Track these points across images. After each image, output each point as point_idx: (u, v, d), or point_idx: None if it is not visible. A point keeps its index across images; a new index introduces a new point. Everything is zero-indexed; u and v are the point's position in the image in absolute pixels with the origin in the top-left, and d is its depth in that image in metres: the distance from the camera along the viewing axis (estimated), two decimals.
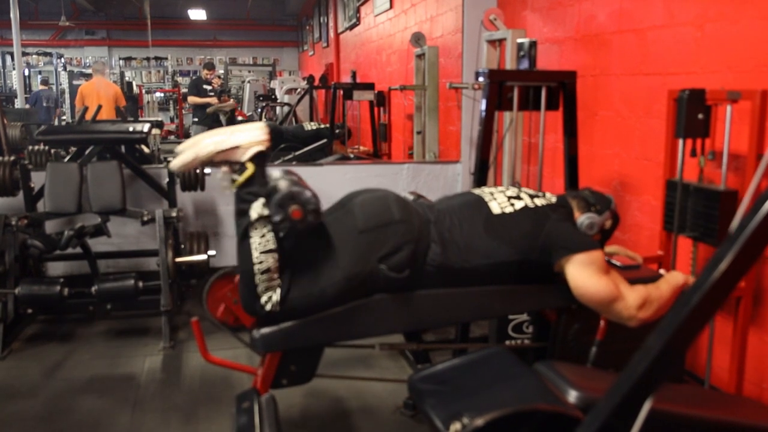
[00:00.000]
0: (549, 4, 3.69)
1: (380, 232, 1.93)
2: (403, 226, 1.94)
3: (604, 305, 1.96)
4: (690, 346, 1.16)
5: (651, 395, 1.10)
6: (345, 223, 1.97)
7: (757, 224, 1.03)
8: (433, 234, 2.00)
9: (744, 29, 2.32)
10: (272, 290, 1.87)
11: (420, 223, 1.99)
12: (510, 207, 2.08)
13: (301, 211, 1.83)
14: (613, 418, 1.12)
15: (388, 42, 7.07)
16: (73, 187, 3.55)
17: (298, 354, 2.05)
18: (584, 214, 2.12)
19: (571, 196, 2.19)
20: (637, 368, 1.11)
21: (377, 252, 1.91)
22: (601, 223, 2.12)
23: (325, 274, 1.90)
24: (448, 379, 1.64)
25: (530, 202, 2.10)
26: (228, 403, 2.65)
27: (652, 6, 2.80)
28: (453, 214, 2.06)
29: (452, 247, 1.99)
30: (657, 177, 2.70)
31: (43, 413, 2.68)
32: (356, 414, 2.67)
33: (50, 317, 3.76)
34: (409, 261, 1.93)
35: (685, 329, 1.09)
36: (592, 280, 1.95)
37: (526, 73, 2.82)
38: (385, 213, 1.97)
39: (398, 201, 2.04)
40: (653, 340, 1.12)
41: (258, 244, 1.83)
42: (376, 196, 2.06)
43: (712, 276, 1.07)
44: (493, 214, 2.06)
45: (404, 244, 1.93)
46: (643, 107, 2.90)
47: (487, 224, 2.03)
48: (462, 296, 2.06)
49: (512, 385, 1.50)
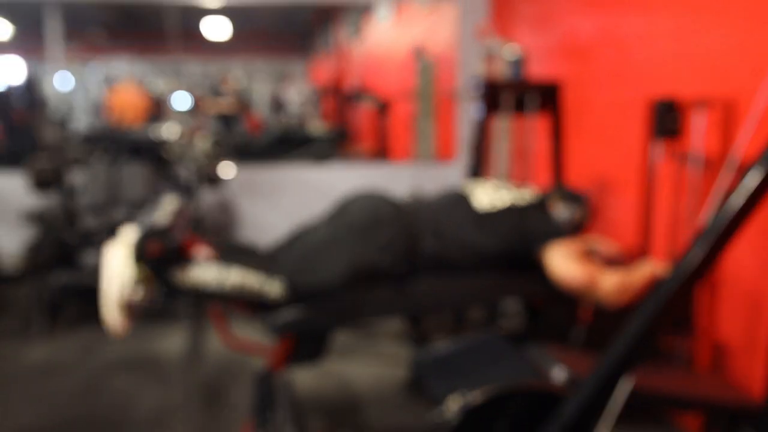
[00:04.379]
0: (538, 18, 3.68)
1: (375, 229, 1.97)
2: (396, 223, 1.99)
3: (580, 290, 1.98)
4: (663, 329, 1.18)
5: (629, 374, 1.12)
6: (342, 225, 2.01)
7: (724, 221, 1.04)
8: (424, 228, 2.04)
9: (715, 42, 2.32)
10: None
11: (410, 220, 2.04)
12: (492, 203, 2.13)
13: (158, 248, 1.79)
14: (595, 395, 1.14)
15: (390, 52, 7.06)
16: (108, 184, 3.59)
17: (309, 336, 2.07)
18: (560, 208, 2.21)
19: (551, 191, 2.29)
20: (616, 349, 1.13)
21: (377, 246, 1.95)
22: (575, 216, 2.22)
23: (328, 267, 1.93)
24: (447, 360, 1.66)
25: (510, 197, 2.16)
26: (243, 383, 2.67)
27: (633, 20, 2.79)
28: (442, 210, 2.12)
29: (443, 240, 2.03)
30: (636, 177, 2.70)
31: (80, 389, 2.71)
32: (362, 393, 2.69)
33: (86, 304, 3.78)
34: (405, 253, 1.97)
35: (661, 313, 1.11)
36: (569, 267, 1.97)
37: (516, 83, 2.82)
38: (378, 213, 2.02)
39: (388, 202, 2.09)
40: (632, 324, 1.14)
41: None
42: (367, 199, 2.10)
43: (683, 267, 1.09)
44: (478, 209, 2.11)
45: (397, 241, 1.97)
46: (623, 113, 2.90)
47: (474, 218, 2.08)
48: (460, 285, 2.08)
49: (505, 366, 1.52)
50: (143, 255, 1.77)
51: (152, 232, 1.75)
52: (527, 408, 1.24)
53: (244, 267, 1.92)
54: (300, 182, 4.28)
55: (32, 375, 2.86)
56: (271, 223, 4.20)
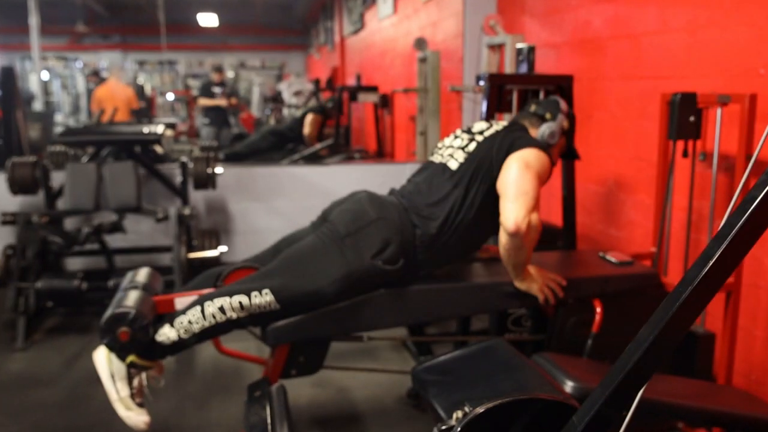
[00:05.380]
0: (547, 10, 3.69)
1: (363, 232, 1.98)
2: (383, 222, 1.99)
3: (518, 192, 1.94)
4: (681, 338, 1.17)
5: (643, 385, 1.12)
6: (329, 234, 2.01)
7: (743, 223, 1.04)
8: (413, 217, 2.04)
9: (733, 35, 2.32)
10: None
11: (398, 214, 2.04)
12: (465, 154, 2.11)
13: (128, 332, 1.88)
14: (607, 407, 1.13)
15: (392, 46, 7.07)
16: (91, 186, 3.58)
17: (307, 346, 2.07)
18: (541, 128, 2.16)
19: (521, 117, 2.22)
20: (629, 359, 1.12)
21: (369, 250, 1.95)
22: (560, 127, 2.16)
23: (321, 276, 1.94)
24: (451, 369, 1.66)
25: (482, 137, 2.13)
26: (238, 393, 2.67)
27: (646, 13, 2.80)
28: (421, 192, 2.10)
29: (433, 220, 2.03)
30: (650, 177, 2.71)
31: (62, 401, 2.71)
32: (362, 404, 2.69)
33: (69, 310, 3.78)
34: (401, 251, 1.98)
35: (676, 322, 1.11)
36: (528, 172, 1.96)
37: (524, 77, 2.83)
38: (363, 215, 2.02)
39: (372, 201, 2.08)
40: (645, 333, 1.13)
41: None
42: (350, 202, 2.10)
43: (702, 271, 1.08)
44: (453, 169, 2.10)
45: (391, 237, 1.97)
46: (637, 110, 2.91)
47: (452, 180, 2.07)
48: (464, 291, 2.08)
49: (511, 376, 1.51)
50: (117, 347, 1.89)
51: (116, 321, 1.86)
52: (535, 420, 1.23)
53: (226, 293, 1.93)
54: (298, 182, 4.28)
55: (12, 387, 2.86)
56: (266, 226, 4.21)
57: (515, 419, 1.24)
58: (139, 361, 1.94)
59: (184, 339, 1.94)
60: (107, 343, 1.91)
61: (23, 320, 3.30)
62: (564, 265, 2.45)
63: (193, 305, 1.94)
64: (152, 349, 1.96)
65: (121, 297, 2.00)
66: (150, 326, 1.91)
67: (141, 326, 1.87)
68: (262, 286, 1.92)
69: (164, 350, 1.97)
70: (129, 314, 1.87)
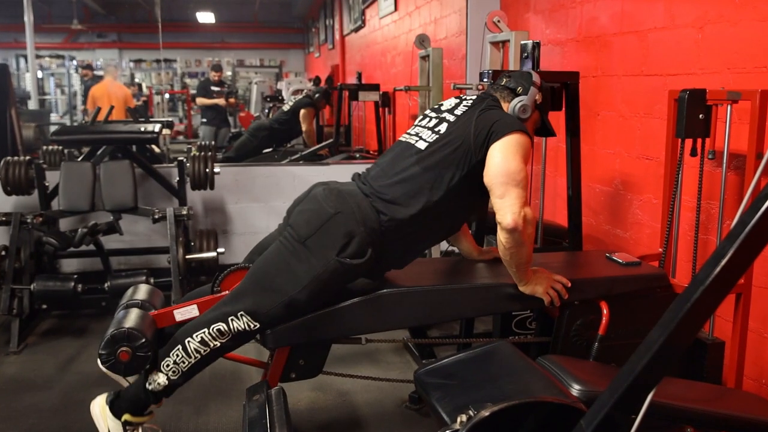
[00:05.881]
0: (551, 7, 3.68)
1: (323, 231, 1.91)
2: (341, 216, 1.91)
3: (507, 183, 1.88)
4: (691, 341, 1.16)
5: (652, 389, 1.11)
6: (290, 239, 1.96)
7: (756, 222, 1.03)
8: (377, 204, 1.96)
9: (743, 31, 2.31)
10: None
11: (357, 203, 1.95)
12: (435, 135, 2.03)
13: (129, 352, 1.89)
14: (615, 411, 1.12)
15: (393, 44, 7.07)
16: (87, 185, 3.57)
17: (306, 349, 2.07)
18: (512, 102, 2.06)
19: (493, 89, 2.13)
20: (638, 362, 1.12)
21: (332, 249, 1.89)
22: (532, 101, 2.07)
23: (289, 286, 1.91)
24: (454, 372, 1.65)
25: (452, 116, 2.05)
26: (237, 396, 2.66)
27: (653, 8, 2.79)
28: (387, 174, 2.02)
29: (399, 205, 1.95)
30: (658, 176, 2.70)
31: (57, 405, 2.70)
32: (362, 407, 2.68)
33: (64, 312, 3.78)
34: (367, 241, 1.90)
35: (686, 324, 1.10)
36: (514, 157, 1.89)
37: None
38: (320, 213, 1.94)
39: (328, 195, 1.99)
40: (654, 335, 1.13)
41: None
42: (307, 201, 2.04)
43: (713, 272, 1.08)
44: (422, 150, 2.02)
45: (353, 230, 1.90)
46: (644, 107, 2.90)
47: (420, 162, 1.99)
48: (467, 293, 2.08)
49: (517, 379, 1.51)
50: (117, 366, 1.91)
51: (116, 341, 1.90)
52: (542, 423, 1.23)
53: (203, 324, 1.94)
54: (297, 182, 4.27)
55: (6, 391, 2.85)
56: (265, 226, 4.20)
57: (521, 423, 1.23)
58: (133, 418, 2.01)
59: (175, 380, 1.96)
60: (108, 366, 1.93)
61: (17, 323, 3.29)
62: (570, 265, 2.44)
63: (175, 345, 1.96)
64: (146, 402, 2.00)
65: (120, 316, 2.01)
66: (150, 344, 1.93)
67: (141, 345, 1.89)
68: (235, 309, 1.92)
69: (158, 396, 2.00)
70: (128, 333, 1.89)
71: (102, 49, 15.07)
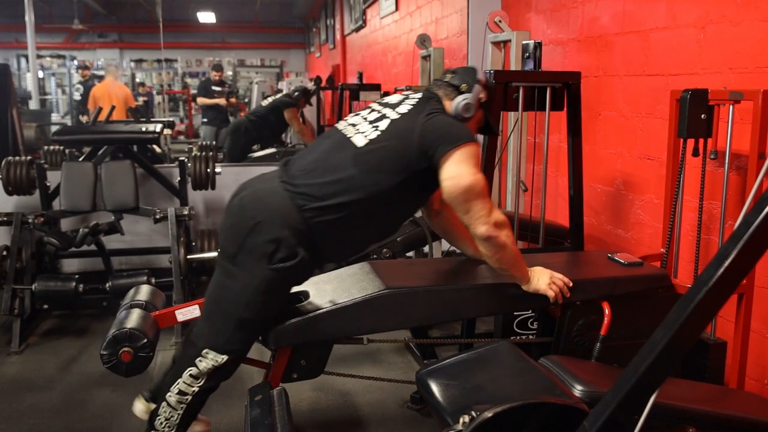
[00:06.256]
0: (553, 6, 3.68)
1: (248, 243, 1.85)
2: (263, 225, 1.84)
3: (467, 200, 1.84)
4: (694, 342, 1.16)
5: (656, 389, 1.11)
6: (223, 259, 1.94)
7: (759, 223, 1.03)
8: (301, 201, 1.86)
9: (745, 31, 2.31)
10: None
11: (278, 205, 1.87)
12: (375, 132, 1.92)
13: (130, 352, 1.90)
14: (619, 411, 1.12)
15: (394, 44, 7.07)
16: (88, 185, 3.58)
17: (308, 349, 2.06)
18: (455, 99, 1.96)
19: (436, 86, 2.03)
20: (642, 363, 1.11)
21: (262, 259, 1.82)
22: (476, 99, 1.96)
23: (235, 308, 1.88)
24: (456, 373, 1.65)
25: (395, 114, 1.94)
26: (238, 397, 2.66)
27: (655, 8, 2.79)
28: (318, 170, 1.91)
29: (327, 206, 1.86)
30: (659, 176, 2.69)
31: (59, 405, 2.70)
32: (364, 408, 2.68)
33: (65, 313, 3.78)
34: (295, 242, 1.83)
35: (690, 325, 1.10)
36: (467, 171, 1.82)
37: (531, 74, 2.82)
38: (241, 225, 1.87)
39: (246, 205, 1.92)
40: (658, 336, 1.12)
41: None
42: (228, 215, 1.98)
43: (716, 273, 1.07)
44: (358, 147, 1.90)
45: (278, 234, 1.82)
46: (645, 107, 2.90)
47: (356, 161, 1.88)
48: (469, 293, 2.07)
49: (519, 379, 1.51)
50: (119, 366, 1.94)
51: (117, 341, 1.92)
52: (545, 424, 1.22)
53: (176, 375, 1.95)
54: None
55: (7, 391, 2.85)
56: None
57: (524, 424, 1.23)
58: None
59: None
60: (110, 367, 1.94)
61: (18, 323, 3.29)
62: (572, 265, 2.43)
63: (161, 402, 1.97)
64: None
65: (122, 317, 2.01)
66: (152, 345, 1.94)
67: (143, 345, 1.90)
68: (198, 349, 1.92)
69: None
70: (131, 334, 1.90)
71: (103, 49, 15.08)
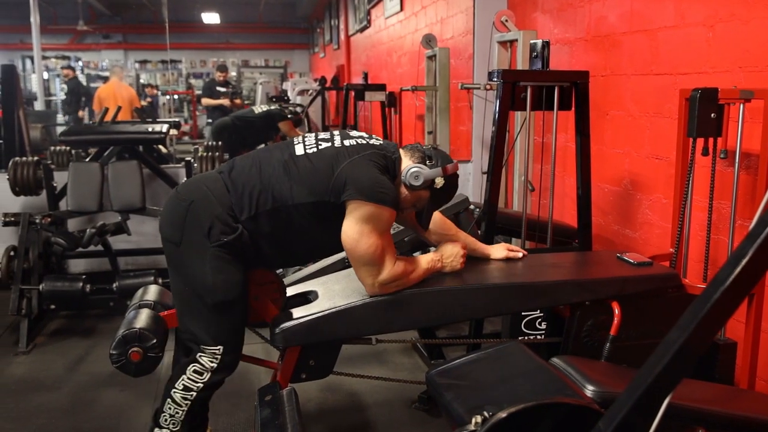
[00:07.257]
0: (560, 6, 3.67)
1: (188, 224, 1.88)
2: (196, 204, 1.88)
3: (358, 264, 1.88)
4: (710, 342, 1.15)
5: (671, 391, 1.10)
6: (169, 251, 1.96)
7: None
8: (230, 188, 1.90)
9: (755, 29, 2.30)
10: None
11: (208, 185, 1.92)
12: (314, 148, 1.94)
13: (140, 352, 1.90)
14: (634, 413, 1.11)
15: (399, 44, 7.06)
16: (95, 186, 3.58)
17: (317, 349, 2.06)
18: (414, 164, 1.94)
19: (406, 147, 2.03)
20: (657, 364, 1.10)
21: (204, 238, 1.85)
22: (430, 177, 1.92)
23: (202, 295, 1.89)
24: (466, 373, 1.64)
25: (339, 143, 1.94)
26: (247, 397, 2.66)
27: (663, 6, 2.78)
28: (255, 164, 1.95)
29: (246, 194, 1.89)
30: (668, 176, 2.68)
31: (66, 405, 2.70)
32: (372, 408, 2.67)
33: (72, 313, 3.78)
34: (230, 216, 1.87)
35: (706, 325, 1.09)
36: (365, 238, 1.82)
37: (539, 74, 2.81)
38: (175, 211, 1.93)
39: (180, 189, 2.00)
40: (673, 336, 1.11)
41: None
42: (164, 209, 2.02)
43: (733, 272, 1.06)
44: (294, 155, 1.94)
45: (212, 210, 1.87)
46: (653, 107, 2.88)
47: (286, 166, 1.91)
48: (478, 293, 2.06)
49: (531, 380, 1.50)
50: (128, 366, 1.94)
51: (127, 341, 1.93)
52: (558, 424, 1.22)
53: (180, 372, 1.96)
54: None
55: (15, 391, 2.85)
56: None
57: (537, 424, 1.22)
58: None
59: (178, 430, 1.97)
60: (119, 367, 1.94)
61: (26, 323, 3.30)
62: (581, 265, 2.43)
63: (166, 398, 1.97)
64: None
65: (131, 317, 2.02)
66: (161, 344, 1.94)
67: (152, 345, 1.91)
68: (194, 348, 1.94)
69: None
70: (140, 334, 1.90)
71: (108, 50, 15.11)
